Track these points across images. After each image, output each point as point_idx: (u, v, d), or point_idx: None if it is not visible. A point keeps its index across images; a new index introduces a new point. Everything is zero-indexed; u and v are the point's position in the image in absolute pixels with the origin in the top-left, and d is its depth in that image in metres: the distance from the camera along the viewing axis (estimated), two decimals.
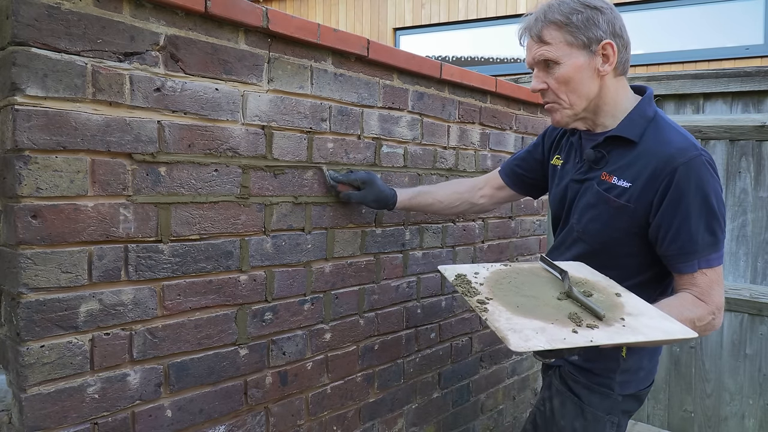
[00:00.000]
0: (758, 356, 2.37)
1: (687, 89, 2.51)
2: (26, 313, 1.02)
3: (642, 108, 1.34)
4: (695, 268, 1.27)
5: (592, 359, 1.40)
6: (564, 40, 1.29)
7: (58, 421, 1.07)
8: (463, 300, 1.15)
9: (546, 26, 1.30)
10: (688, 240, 1.25)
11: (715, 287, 1.27)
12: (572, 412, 1.42)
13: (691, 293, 1.28)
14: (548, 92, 1.35)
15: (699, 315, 1.24)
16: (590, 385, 1.41)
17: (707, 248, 1.26)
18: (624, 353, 1.38)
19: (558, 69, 1.31)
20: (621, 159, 1.34)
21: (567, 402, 1.43)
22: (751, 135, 2.34)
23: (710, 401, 2.48)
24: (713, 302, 1.26)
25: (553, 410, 1.45)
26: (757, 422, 2.38)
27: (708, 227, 1.26)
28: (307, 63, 1.48)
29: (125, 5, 1.12)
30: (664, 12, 5.19)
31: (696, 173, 1.24)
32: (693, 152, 1.25)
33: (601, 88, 1.33)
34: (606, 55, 1.29)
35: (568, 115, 1.36)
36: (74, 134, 1.06)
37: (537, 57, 1.33)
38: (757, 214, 2.37)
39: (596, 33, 1.28)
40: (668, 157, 1.25)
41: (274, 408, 1.47)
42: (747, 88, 2.38)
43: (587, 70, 1.30)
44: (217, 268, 1.32)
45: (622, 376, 1.40)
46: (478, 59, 6.28)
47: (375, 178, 1.58)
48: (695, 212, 1.24)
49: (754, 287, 2.37)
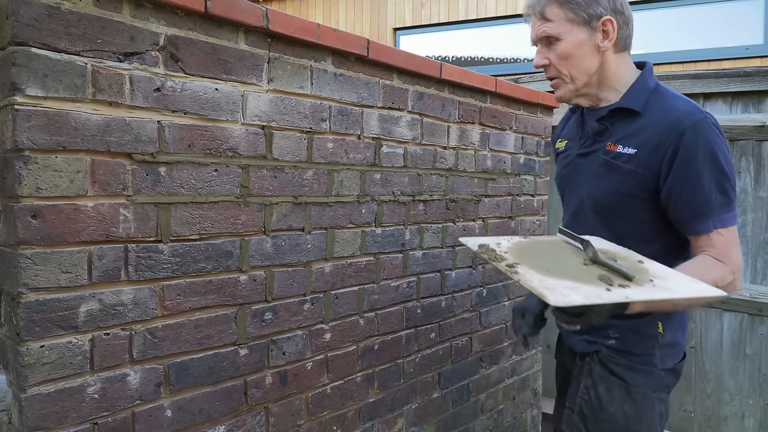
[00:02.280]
0: (758, 356, 2.37)
1: (687, 89, 2.50)
2: (26, 313, 1.02)
3: (644, 80, 1.38)
4: (711, 228, 1.27)
5: (630, 340, 1.40)
6: (565, 17, 1.33)
7: (58, 421, 1.07)
8: (493, 265, 1.22)
9: (548, 4, 1.34)
10: (702, 200, 1.26)
11: (732, 247, 1.28)
12: (620, 396, 1.40)
13: (709, 255, 1.28)
14: (550, 68, 1.39)
15: (720, 276, 1.25)
16: (632, 365, 1.40)
17: (720, 208, 1.27)
18: (661, 329, 1.39)
19: (559, 45, 1.35)
20: (625, 129, 1.36)
21: (613, 386, 1.41)
22: (751, 135, 2.34)
23: (710, 401, 2.48)
24: (732, 262, 1.27)
25: (599, 397, 1.42)
26: (757, 422, 2.38)
27: (719, 187, 1.26)
28: (307, 63, 1.48)
29: (125, 5, 1.12)
30: (664, 12, 5.18)
31: (703, 134, 1.25)
32: (698, 115, 1.27)
33: (602, 63, 1.36)
34: (606, 31, 1.33)
35: (570, 90, 1.40)
36: (74, 134, 1.06)
37: (539, 34, 1.37)
38: (757, 214, 2.37)
39: (596, 10, 1.32)
40: (674, 121, 1.27)
41: (274, 408, 1.47)
42: (747, 88, 2.38)
43: (587, 45, 1.34)
44: (217, 268, 1.32)
45: (662, 351, 1.40)
46: (478, 59, 6.28)
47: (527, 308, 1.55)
48: (706, 173, 1.25)
49: (753, 287, 2.37)
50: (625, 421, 1.39)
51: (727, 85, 2.41)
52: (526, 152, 2.42)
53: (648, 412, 1.39)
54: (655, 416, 1.40)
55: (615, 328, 1.41)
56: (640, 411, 1.39)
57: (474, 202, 2.14)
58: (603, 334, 1.43)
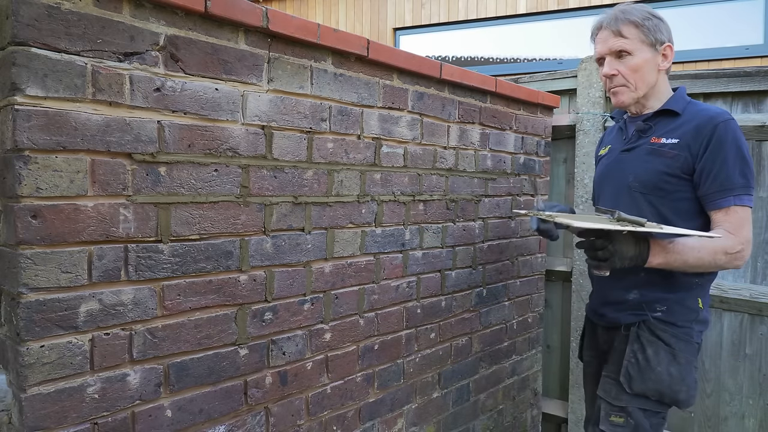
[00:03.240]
0: (758, 356, 2.37)
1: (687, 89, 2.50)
2: (26, 313, 1.02)
3: (682, 93, 1.70)
4: (731, 202, 1.51)
5: (676, 312, 1.63)
6: (638, 37, 1.62)
7: (58, 421, 1.07)
8: (536, 216, 1.66)
9: (626, 24, 1.62)
10: (725, 178, 1.52)
11: (746, 224, 1.51)
12: (667, 359, 1.61)
13: (723, 228, 1.51)
14: (618, 77, 1.65)
15: (731, 244, 1.49)
16: (677, 333, 1.62)
17: (740, 188, 1.51)
18: (700, 304, 1.64)
19: (631, 59, 1.62)
20: (666, 127, 1.64)
21: (660, 350, 1.62)
22: (751, 135, 2.34)
23: (710, 401, 2.48)
24: (743, 235, 1.50)
25: (648, 359, 1.62)
26: (757, 422, 2.38)
27: (741, 172, 1.52)
28: (307, 63, 1.48)
29: (125, 5, 1.12)
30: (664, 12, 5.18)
31: (732, 130, 1.53)
32: (728, 116, 1.55)
33: (657, 80, 1.66)
34: (665, 55, 1.65)
35: (632, 96, 1.66)
36: (74, 134, 1.06)
37: (614, 47, 1.63)
38: (757, 214, 2.37)
39: (661, 37, 1.63)
40: (709, 118, 1.56)
41: (274, 408, 1.47)
42: (747, 88, 2.38)
43: (651, 63, 1.64)
44: (217, 268, 1.32)
45: (699, 326, 1.65)
46: (478, 59, 6.28)
47: (566, 208, 1.88)
48: (731, 158, 1.51)
49: (754, 287, 2.37)
50: (670, 380, 1.60)
51: (727, 85, 2.41)
52: (526, 152, 2.42)
53: (689, 375, 1.62)
54: (693, 380, 1.63)
55: (662, 301, 1.63)
56: (684, 373, 1.61)
57: (474, 202, 2.14)
58: (651, 307, 1.65)
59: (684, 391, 1.60)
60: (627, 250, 1.49)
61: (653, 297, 1.64)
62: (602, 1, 5.26)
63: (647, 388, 1.61)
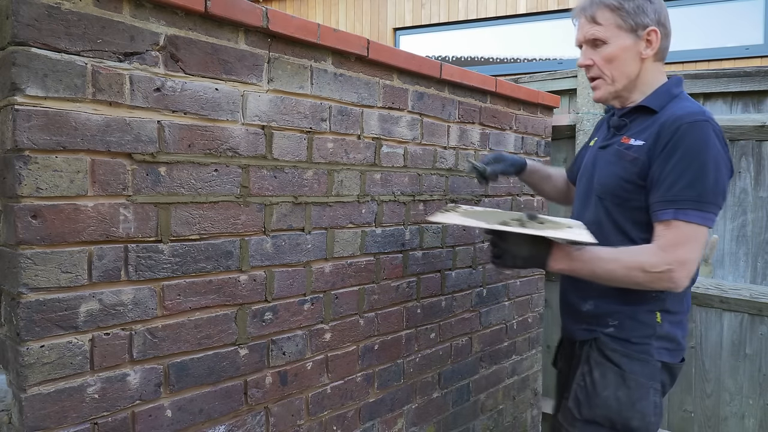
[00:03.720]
0: (758, 356, 2.37)
1: (687, 89, 2.49)
2: (26, 313, 1.02)
3: (668, 87, 1.46)
4: (670, 215, 1.31)
5: (628, 327, 1.45)
6: (614, 23, 1.42)
7: (58, 421, 1.07)
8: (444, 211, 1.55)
9: (600, 8, 1.43)
10: (669, 188, 1.32)
11: (685, 243, 1.30)
12: (614, 382, 1.43)
13: (657, 243, 1.33)
14: (594, 68, 1.48)
15: (653, 262, 1.31)
16: (629, 353, 1.44)
17: (687, 201, 1.30)
18: (659, 319, 1.44)
19: (605, 48, 1.44)
20: (640, 125, 1.45)
21: (607, 372, 1.44)
22: (751, 135, 2.34)
23: (710, 401, 2.48)
24: (674, 255, 1.30)
25: (594, 382, 1.46)
26: (757, 422, 2.38)
27: (693, 182, 1.30)
28: (307, 63, 1.48)
29: (125, 5, 1.12)
30: None
31: (697, 133, 1.31)
32: (701, 118, 1.33)
33: (641, 70, 1.45)
34: (650, 40, 1.42)
35: (609, 91, 1.48)
36: (74, 134, 1.06)
37: (588, 36, 1.46)
38: (757, 214, 2.37)
39: (644, 20, 1.41)
40: (676, 118, 1.35)
41: (274, 408, 1.47)
42: (747, 88, 2.38)
43: (631, 52, 1.43)
44: (217, 268, 1.32)
45: (659, 342, 1.44)
46: (478, 59, 6.28)
47: (502, 153, 1.83)
48: (683, 165, 1.31)
49: (754, 287, 2.37)
50: (618, 407, 1.42)
51: (727, 85, 2.41)
52: (526, 152, 2.42)
53: (642, 400, 1.41)
54: (649, 405, 1.42)
55: (614, 315, 1.46)
56: (634, 398, 1.41)
57: (474, 202, 2.14)
58: (603, 322, 1.48)
59: (637, 417, 1.41)
60: (519, 251, 1.40)
61: (606, 309, 1.47)
62: None
63: (595, 414, 1.44)
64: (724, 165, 1.33)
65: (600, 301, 1.49)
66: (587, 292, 1.51)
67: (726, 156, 1.35)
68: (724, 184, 1.34)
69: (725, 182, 1.34)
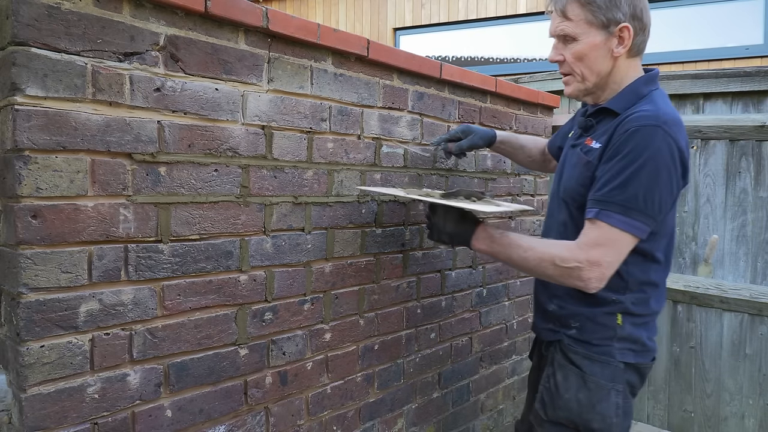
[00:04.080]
0: (758, 356, 2.37)
1: (687, 89, 2.51)
2: (26, 313, 1.02)
3: (636, 86, 1.40)
4: (593, 214, 1.30)
5: (589, 330, 1.44)
6: (584, 18, 1.35)
7: (58, 421, 1.07)
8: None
9: (570, 2, 1.37)
10: (601, 188, 1.30)
11: (603, 245, 1.29)
12: (575, 384, 1.43)
13: (576, 240, 1.33)
14: (564, 64, 1.43)
15: (565, 256, 1.30)
16: (590, 355, 1.43)
17: (614, 205, 1.27)
18: (620, 321, 1.42)
19: (575, 45, 1.38)
20: (604, 126, 1.41)
21: (569, 374, 1.45)
22: (751, 135, 2.34)
23: (710, 401, 2.48)
24: (588, 254, 1.29)
25: (557, 385, 1.46)
26: (757, 422, 2.38)
27: (624, 186, 1.26)
28: (307, 63, 1.48)
29: (125, 5, 1.12)
30: (664, 12, 5.18)
31: (643, 139, 1.26)
32: (652, 122, 1.27)
33: (614, 67, 1.39)
34: (622, 37, 1.35)
35: (579, 88, 1.44)
36: (74, 134, 1.06)
37: (557, 31, 1.40)
38: (757, 214, 2.37)
39: (616, 15, 1.33)
40: (629, 121, 1.31)
41: (274, 408, 1.47)
42: (747, 88, 2.38)
43: (602, 49, 1.37)
44: (217, 268, 1.32)
45: (621, 344, 1.42)
46: (478, 59, 6.28)
47: (471, 125, 1.79)
48: (619, 167, 1.27)
49: (754, 287, 2.37)
50: (579, 408, 1.41)
51: (727, 85, 2.41)
52: None
53: (602, 402, 1.41)
54: (610, 407, 1.41)
55: (576, 317, 1.46)
56: (594, 400, 1.40)
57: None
58: (566, 323, 1.48)
59: (597, 419, 1.39)
60: (445, 225, 1.46)
61: (570, 311, 1.46)
62: None
63: (558, 416, 1.45)
64: (668, 175, 1.28)
65: (563, 302, 1.48)
66: (552, 292, 1.51)
67: (675, 165, 1.29)
68: (661, 194, 1.28)
69: (664, 192, 1.29)
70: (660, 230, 1.37)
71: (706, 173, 2.50)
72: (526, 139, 1.92)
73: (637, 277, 1.40)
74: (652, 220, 1.29)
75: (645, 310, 1.45)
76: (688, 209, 2.55)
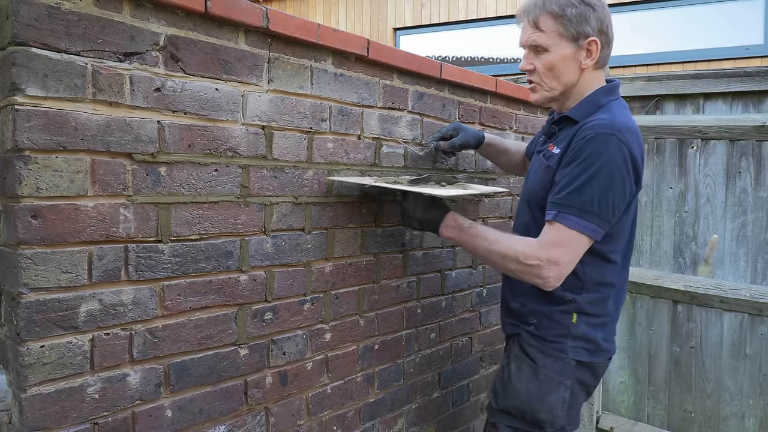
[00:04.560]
0: (758, 356, 2.37)
1: (687, 89, 2.51)
2: (26, 313, 1.02)
3: (596, 96, 1.48)
4: (552, 216, 1.37)
5: (545, 326, 1.51)
6: (556, 30, 1.42)
7: (58, 421, 1.07)
8: None
9: (543, 14, 1.42)
10: (559, 191, 1.37)
11: (561, 246, 1.36)
12: (527, 375, 1.51)
13: (538, 239, 1.39)
14: (534, 73, 1.49)
15: (528, 253, 1.37)
16: (544, 349, 1.50)
17: (570, 207, 1.35)
18: (574, 320, 1.49)
19: (546, 55, 1.44)
20: (565, 133, 1.48)
21: (523, 365, 1.52)
22: (751, 135, 2.34)
23: (710, 401, 2.48)
24: (548, 254, 1.35)
25: (510, 374, 1.54)
26: (757, 422, 2.38)
27: (580, 190, 1.34)
28: (307, 63, 1.48)
29: (125, 5, 1.12)
30: (664, 12, 5.18)
31: (599, 146, 1.34)
32: (607, 130, 1.35)
33: (580, 78, 1.47)
34: (590, 50, 1.43)
35: (546, 96, 1.51)
36: (74, 134, 1.06)
37: (530, 41, 1.46)
38: (757, 214, 2.37)
39: (585, 29, 1.41)
40: (586, 129, 1.38)
41: (274, 408, 1.47)
42: (747, 88, 2.38)
43: (571, 61, 1.44)
44: (217, 268, 1.32)
45: (574, 342, 1.49)
46: (478, 59, 6.28)
47: (461, 124, 1.83)
48: (576, 172, 1.35)
49: (754, 287, 2.37)
50: (528, 399, 1.49)
51: (727, 85, 2.41)
52: None
53: (551, 394, 1.48)
54: (557, 400, 1.48)
55: (534, 314, 1.53)
56: (543, 392, 1.48)
57: (474, 202, 2.14)
58: (525, 319, 1.55)
59: (545, 411, 1.47)
60: (414, 211, 1.53)
61: (530, 308, 1.53)
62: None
63: (508, 404, 1.52)
64: (621, 180, 1.35)
65: (525, 300, 1.55)
66: (516, 291, 1.58)
67: (627, 170, 1.35)
68: (615, 197, 1.35)
69: (617, 196, 1.35)
70: (616, 233, 1.44)
71: (706, 173, 2.50)
72: (510, 143, 1.97)
73: (593, 278, 1.46)
74: (605, 222, 1.37)
75: (601, 311, 1.51)
76: (688, 209, 2.55)
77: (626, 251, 1.53)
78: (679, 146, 2.54)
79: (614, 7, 5.29)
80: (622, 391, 2.72)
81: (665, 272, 2.58)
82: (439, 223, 1.51)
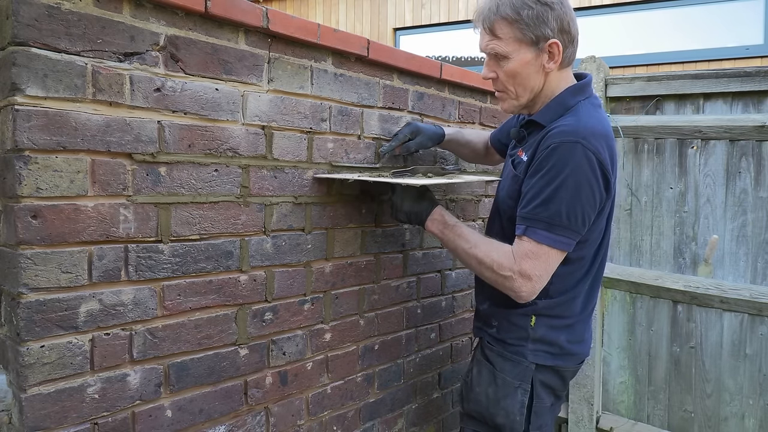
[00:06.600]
0: (758, 356, 2.37)
1: (687, 89, 2.50)
2: (26, 313, 1.02)
3: (563, 98, 1.41)
4: (521, 231, 1.34)
5: (505, 329, 1.49)
6: (513, 36, 1.35)
7: (58, 421, 1.07)
8: None
9: (498, 21, 1.35)
10: (526, 205, 1.33)
11: (531, 259, 1.31)
12: (487, 379, 1.50)
13: (512, 249, 1.35)
14: (498, 81, 1.43)
15: (503, 264, 1.34)
16: (504, 353, 1.49)
17: (538, 221, 1.31)
18: (532, 323, 1.46)
19: (507, 63, 1.37)
20: (533, 138, 1.43)
21: (483, 370, 1.52)
22: (751, 135, 2.34)
23: (710, 401, 2.48)
24: (520, 265, 1.32)
25: (472, 379, 1.55)
26: (757, 422, 2.38)
27: (547, 203, 1.29)
28: (307, 63, 1.48)
29: (125, 5, 1.12)
30: (664, 12, 5.18)
31: (563, 155, 1.28)
32: (571, 138, 1.29)
33: (545, 81, 1.40)
34: (552, 53, 1.35)
35: (514, 104, 1.45)
36: (74, 134, 1.06)
37: (488, 49, 1.40)
38: (757, 214, 2.37)
39: (544, 31, 1.33)
40: (551, 136, 1.32)
41: (274, 408, 1.47)
42: (747, 88, 2.37)
43: (534, 65, 1.37)
44: (217, 268, 1.32)
45: (534, 345, 1.46)
46: (478, 59, 6.27)
47: (419, 124, 1.73)
48: (542, 184, 1.30)
49: (754, 287, 2.37)
50: (486, 402, 1.49)
51: (727, 85, 2.41)
52: None
53: (507, 398, 1.46)
54: (514, 404, 1.46)
55: (496, 317, 1.52)
56: (500, 396, 1.47)
57: (474, 202, 2.14)
58: (488, 322, 1.54)
59: (502, 415, 1.46)
60: (402, 204, 1.52)
61: (493, 311, 1.52)
62: (602, 1, 5.26)
63: (471, 409, 1.53)
64: (590, 189, 1.29)
65: (490, 302, 1.53)
66: (485, 294, 1.56)
67: (596, 178, 1.30)
68: (584, 208, 1.30)
69: (586, 206, 1.31)
70: (588, 238, 1.40)
71: (706, 173, 2.49)
72: (470, 133, 1.89)
73: (558, 285, 1.42)
74: (575, 233, 1.33)
75: (565, 312, 1.46)
76: (688, 209, 2.54)
77: (599, 251, 1.47)
78: (679, 146, 2.54)
79: (614, 7, 5.29)
80: (622, 391, 2.72)
81: (665, 272, 2.58)
82: (426, 216, 1.50)
